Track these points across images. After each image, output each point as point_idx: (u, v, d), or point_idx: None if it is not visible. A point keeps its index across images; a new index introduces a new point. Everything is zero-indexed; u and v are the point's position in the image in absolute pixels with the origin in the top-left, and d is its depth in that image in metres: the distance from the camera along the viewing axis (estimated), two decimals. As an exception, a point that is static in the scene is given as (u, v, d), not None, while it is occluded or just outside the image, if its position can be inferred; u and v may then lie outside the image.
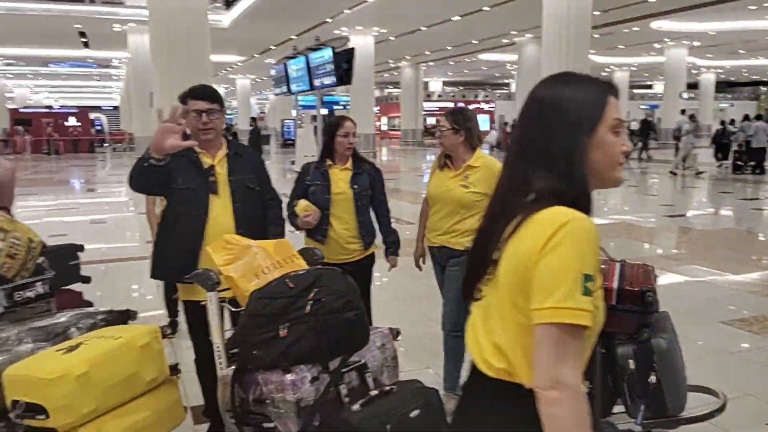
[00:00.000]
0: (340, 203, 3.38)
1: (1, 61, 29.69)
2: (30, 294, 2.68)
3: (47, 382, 2.02)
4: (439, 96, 45.38)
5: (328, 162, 3.46)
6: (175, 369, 2.44)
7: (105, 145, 33.73)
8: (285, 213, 3.24)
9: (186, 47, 10.81)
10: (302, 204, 3.28)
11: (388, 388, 2.10)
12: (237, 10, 19.11)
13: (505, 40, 25.18)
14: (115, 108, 44.20)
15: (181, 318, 4.44)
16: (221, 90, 39.49)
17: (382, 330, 2.33)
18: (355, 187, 3.43)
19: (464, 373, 1.20)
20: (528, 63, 24.76)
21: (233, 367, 2.08)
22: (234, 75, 36.95)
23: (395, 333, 2.37)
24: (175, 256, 2.76)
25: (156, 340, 2.33)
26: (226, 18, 19.91)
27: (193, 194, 2.75)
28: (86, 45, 24.97)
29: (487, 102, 43.33)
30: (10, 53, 27.01)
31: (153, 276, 2.98)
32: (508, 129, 28.87)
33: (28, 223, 2.76)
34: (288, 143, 31.26)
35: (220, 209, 2.77)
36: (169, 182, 2.70)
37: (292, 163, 19.92)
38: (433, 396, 2.12)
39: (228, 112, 45.20)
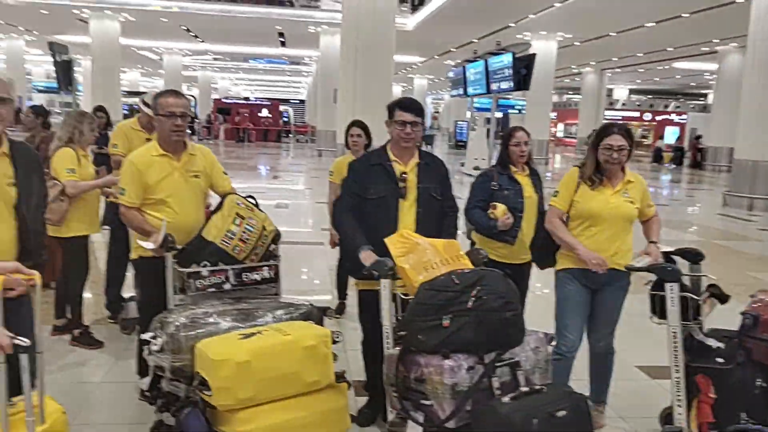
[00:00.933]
0: (529, 207, 3.61)
1: (211, 56, 33.38)
2: (256, 277, 2.94)
3: (213, 363, 2.23)
4: (624, 104, 42.98)
5: (513, 168, 3.65)
6: (341, 377, 2.51)
7: (290, 135, 36.43)
8: (461, 218, 3.42)
9: (372, 48, 11.46)
10: (501, 208, 3.48)
11: (538, 386, 2.22)
12: (422, 14, 19.72)
13: (704, 48, 23.28)
14: (301, 102, 47.51)
15: (349, 301, 4.86)
16: (399, 89, 40.87)
17: (538, 334, 2.44)
18: (538, 191, 3.69)
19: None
20: (729, 74, 22.69)
21: (398, 347, 2.32)
22: (412, 75, 38.03)
23: (549, 339, 2.47)
24: None
25: (324, 344, 2.41)
26: (411, 21, 20.64)
27: (385, 202, 3.00)
28: (283, 44, 27.24)
29: (678, 113, 40.20)
30: (219, 50, 30.28)
31: (343, 270, 3.36)
32: (700, 144, 26.72)
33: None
34: (459, 145, 31.35)
35: (405, 211, 3.01)
36: (363, 194, 3.02)
37: (462, 164, 20.14)
38: (581, 401, 2.20)
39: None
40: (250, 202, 3.10)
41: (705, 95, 41.97)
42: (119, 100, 21.80)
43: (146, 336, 2.55)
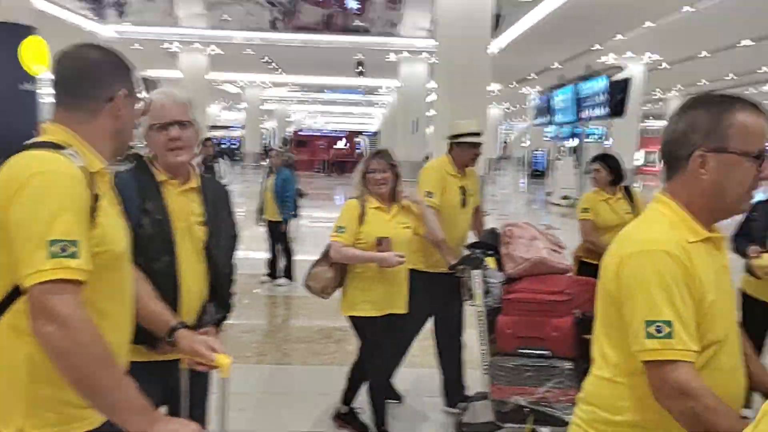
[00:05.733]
0: None
1: (288, 88, 34.04)
2: None
3: None
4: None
5: None
6: None
7: (364, 166, 36.75)
8: None
9: (467, 76, 11.18)
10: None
11: None
12: (504, 40, 19.28)
13: (804, 70, 21.91)
14: (374, 133, 47.71)
15: None
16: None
17: None
18: None
19: None
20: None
21: None
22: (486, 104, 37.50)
23: None
24: None
25: None
26: (492, 46, 20.25)
27: None
28: (361, 74, 27.42)
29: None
30: (298, 81, 30.78)
31: None
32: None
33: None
34: (536, 174, 31.30)
35: None
36: None
37: (548, 194, 19.55)
38: None
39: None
40: None
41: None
42: (206, 134, 22.34)
43: None
